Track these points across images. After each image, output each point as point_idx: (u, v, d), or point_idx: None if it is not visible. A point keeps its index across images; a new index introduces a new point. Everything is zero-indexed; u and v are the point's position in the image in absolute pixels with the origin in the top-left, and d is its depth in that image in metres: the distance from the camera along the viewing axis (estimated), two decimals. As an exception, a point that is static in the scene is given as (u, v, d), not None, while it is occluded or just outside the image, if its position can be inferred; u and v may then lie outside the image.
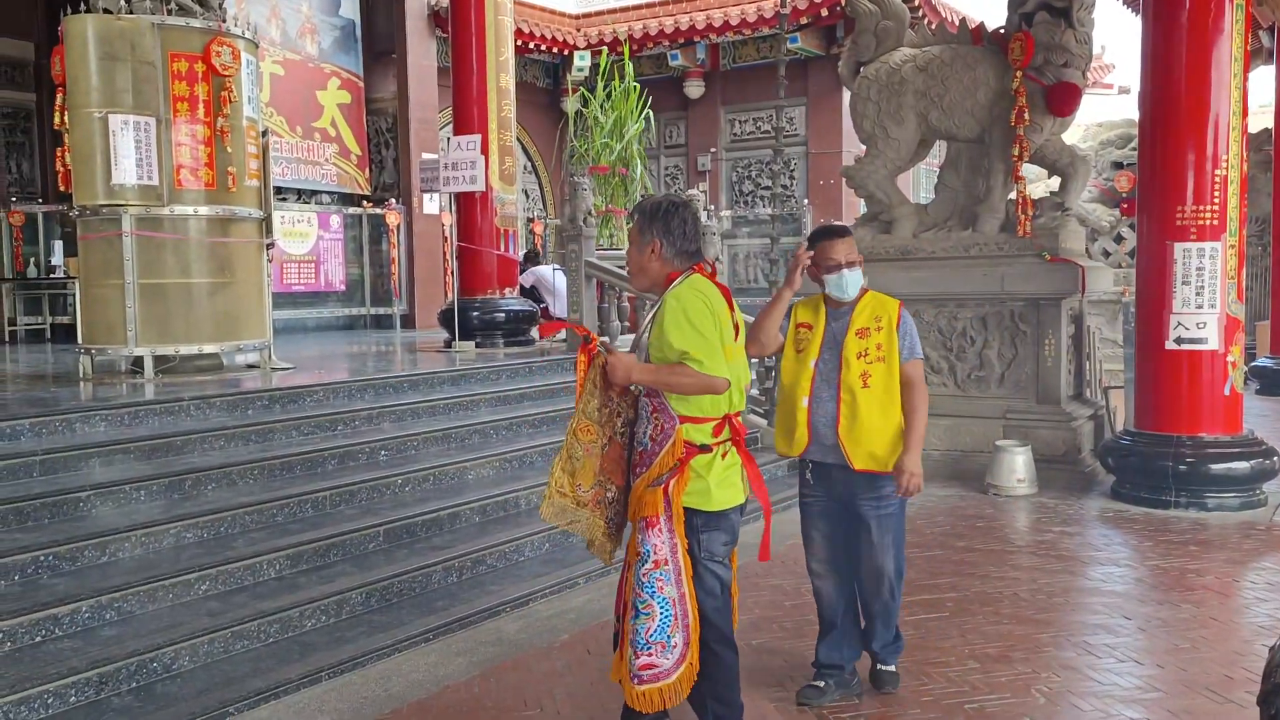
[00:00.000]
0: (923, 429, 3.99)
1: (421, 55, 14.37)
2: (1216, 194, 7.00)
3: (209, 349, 7.50)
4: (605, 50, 14.84)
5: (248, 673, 4.14)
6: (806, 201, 16.45)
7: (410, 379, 7.50)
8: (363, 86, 14.48)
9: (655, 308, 3.33)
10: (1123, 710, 3.89)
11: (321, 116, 13.84)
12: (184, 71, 7.09)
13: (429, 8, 14.36)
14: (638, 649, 3.25)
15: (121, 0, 7.05)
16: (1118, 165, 16.97)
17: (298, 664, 4.24)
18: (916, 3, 14.25)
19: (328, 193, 14.05)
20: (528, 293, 11.57)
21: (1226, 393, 7.12)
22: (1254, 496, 7.10)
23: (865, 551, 4.02)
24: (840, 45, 15.06)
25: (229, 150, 7.28)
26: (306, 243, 13.16)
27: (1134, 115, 8.06)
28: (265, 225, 7.72)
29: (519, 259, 11.56)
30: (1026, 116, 7.88)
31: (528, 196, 17.26)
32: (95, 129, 6.95)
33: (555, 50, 16.86)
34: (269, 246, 7.83)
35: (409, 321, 14.01)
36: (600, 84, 12.59)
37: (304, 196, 13.66)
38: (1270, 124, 13.82)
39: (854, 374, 3.88)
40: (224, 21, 7.37)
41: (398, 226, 13.96)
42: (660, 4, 16.86)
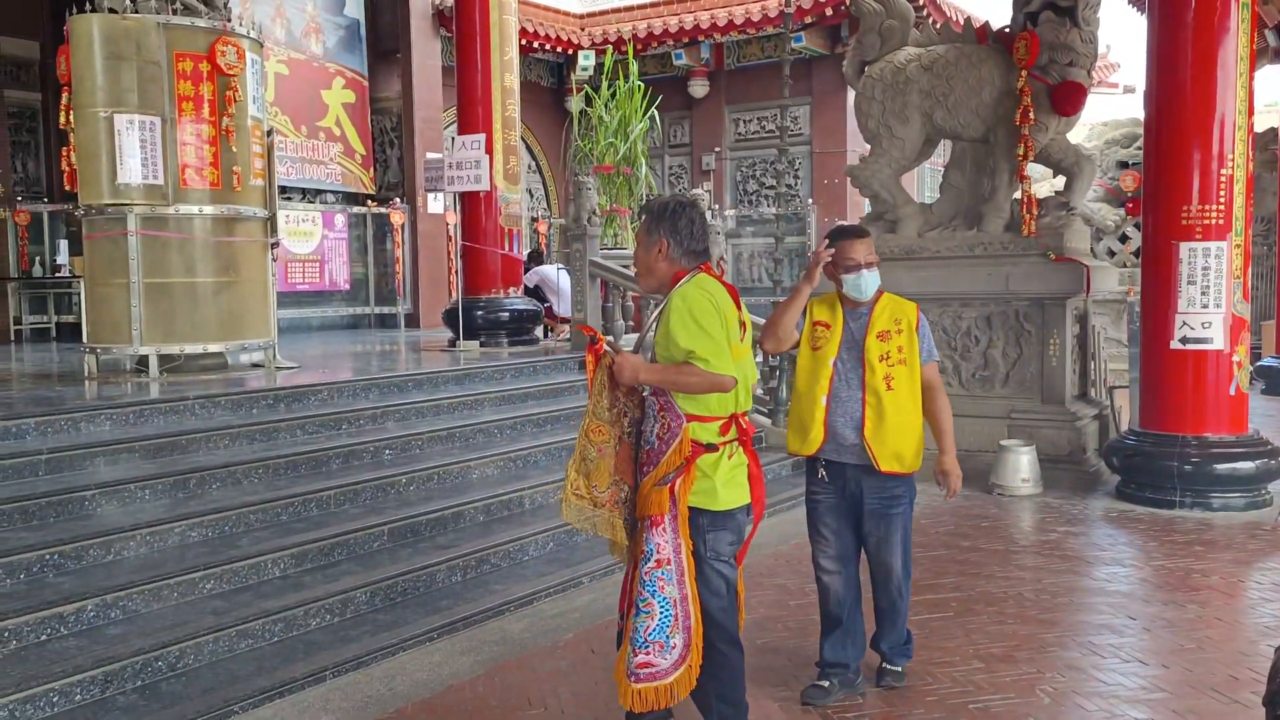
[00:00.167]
0: (952, 429, 4.12)
1: (426, 55, 14.38)
2: (1222, 193, 6.98)
3: (214, 348, 7.51)
4: (610, 49, 14.80)
5: (252, 671, 4.15)
6: (811, 201, 16.45)
7: (414, 378, 7.50)
8: (367, 86, 14.49)
9: (661, 307, 3.34)
10: (1128, 710, 3.88)
11: (326, 116, 13.86)
12: (189, 71, 7.10)
13: (434, 7, 14.36)
14: (636, 647, 3.26)
15: (127, 0, 7.06)
16: (1123, 164, 16.91)
17: (302, 663, 4.25)
18: (921, 2, 14.24)
19: (332, 192, 14.06)
20: (532, 292, 11.58)
21: (1232, 392, 7.11)
22: (1259, 496, 7.08)
23: (875, 549, 4.05)
24: (845, 44, 15.04)
25: (234, 150, 7.29)
26: (311, 242, 13.18)
27: (1139, 114, 8.03)
28: (270, 224, 7.73)
29: (523, 258, 11.56)
30: (1031, 116, 7.86)
31: (532, 196, 17.26)
32: (100, 128, 6.96)
33: (560, 49, 16.86)
34: (273, 246, 7.84)
35: (413, 321, 14.02)
36: (604, 83, 12.55)
37: (309, 196, 13.68)
38: (1276, 123, 13.80)
39: (878, 377, 3.92)
40: (229, 21, 7.37)
41: (402, 226, 13.97)
42: (664, 3, 16.85)
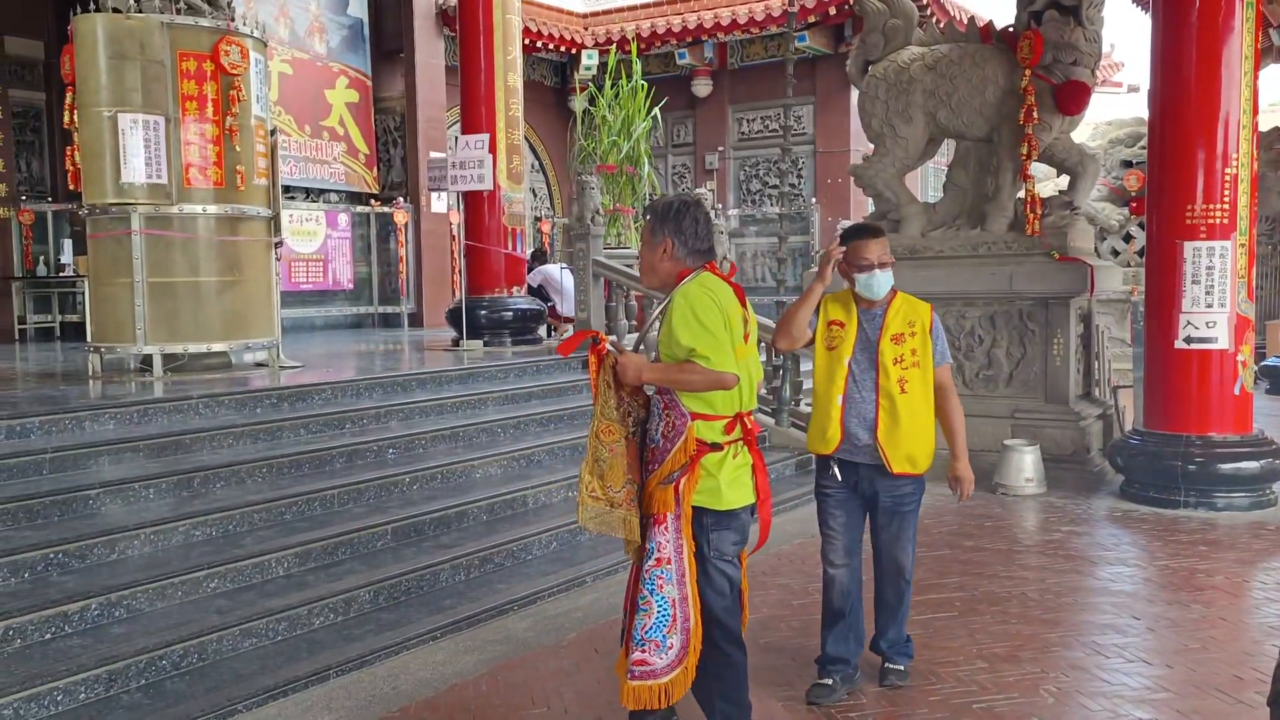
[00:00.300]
0: (964, 434, 4.14)
1: (429, 54, 14.39)
2: (1226, 192, 6.97)
3: (217, 347, 7.52)
4: (613, 49, 14.82)
5: (256, 670, 4.15)
6: (814, 200, 16.44)
7: (418, 377, 7.51)
8: (371, 85, 14.51)
9: (663, 305, 3.34)
10: (1132, 710, 3.88)
11: (330, 115, 13.87)
12: (193, 70, 7.11)
13: (437, 6, 14.37)
14: (633, 644, 3.28)
15: (131, 0, 7.07)
16: (1127, 164, 16.89)
17: (306, 662, 4.25)
18: (925, 1, 14.23)
19: (335, 191, 14.08)
20: (535, 292, 11.58)
21: (1236, 392, 7.10)
22: (1264, 496, 7.07)
23: (887, 544, 4.08)
24: (848, 44, 15.04)
25: (237, 149, 7.30)
26: (314, 241, 13.20)
27: (1143, 114, 8.02)
28: (273, 224, 7.73)
29: (526, 258, 11.57)
30: (1035, 115, 7.86)
31: (535, 195, 17.27)
32: (104, 128, 6.97)
33: (563, 49, 16.87)
34: (277, 245, 7.85)
35: (416, 320, 14.04)
36: (608, 83, 12.56)
37: (312, 195, 13.69)
38: (1280, 122, 13.77)
39: (892, 380, 3.93)
40: (232, 20, 7.38)
41: (405, 225, 13.98)
42: (668, 2, 16.85)
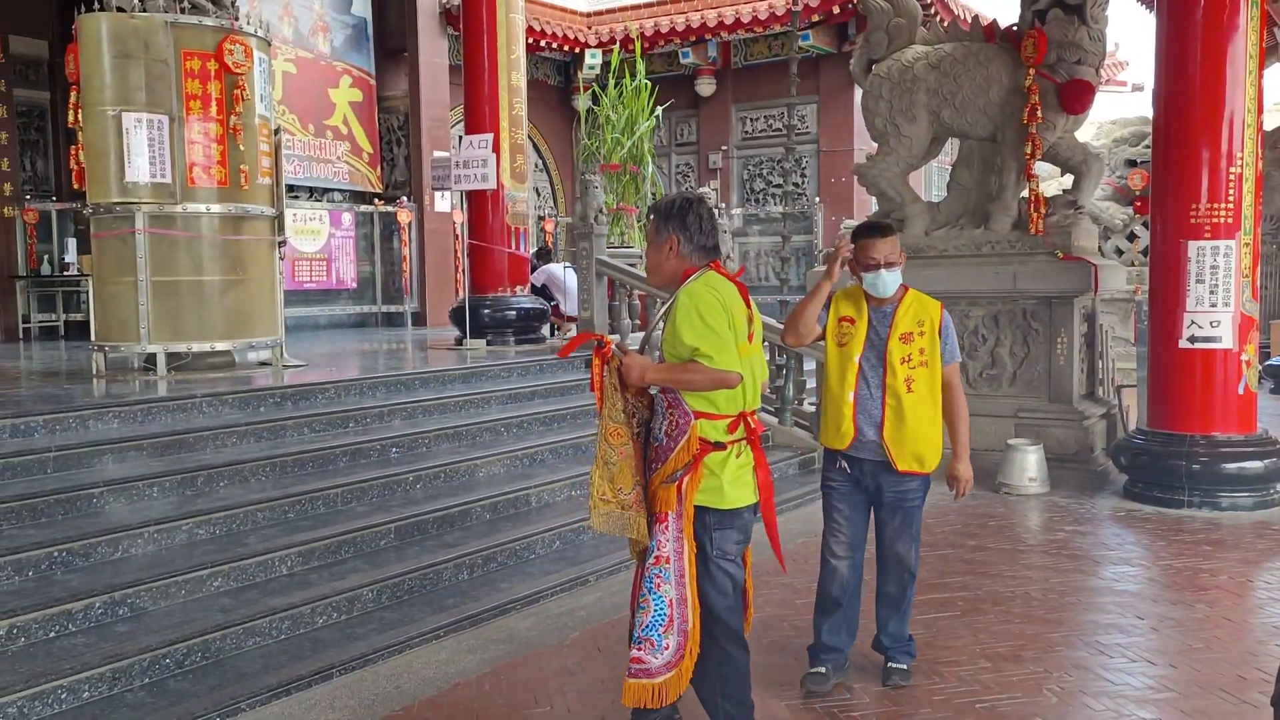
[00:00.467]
0: (968, 433, 4.15)
1: (433, 53, 14.39)
2: (1231, 192, 6.96)
3: (221, 346, 7.53)
4: (617, 48, 14.82)
5: (259, 669, 4.16)
6: (818, 199, 16.43)
7: (421, 376, 7.51)
8: (374, 84, 14.51)
9: (668, 305, 3.34)
10: (1135, 710, 3.87)
11: (333, 114, 13.88)
12: (197, 69, 7.11)
13: (440, 6, 14.37)
14: (632, 642, 3.32)
15: (135, -1, 7.08)
16: (1131, 163, 16.86)
17: (309, 660, 4.25)
18: (929, 0, 14.21)
19: (339, 190, 14.08)
20: (539, 291, 11.58)
21: (1240, 391, 7.08)
22: (1268, 496, 7.05)
23: (891, 538, 4.11)
24: (852, 43, 15.04)
25: (241, 148, 7.31)
26: (318, 240, 13.20)
27: (1148, 113, 8.02)
28: (277, 223, 7.74)
29: (530, 257, 11.57)
30: (1039, 114, 7.85)
31: (539, 194, 17.27)
32: (109, 127, 6.97)
33: (566, 48, 16.87)
34: (281, 244, 7.85)
35: (420, 319, 14.04)
36: (611, 82, 12.57)
37: (316, 194, 13.70)
38: (1285, 121, 13.74)
39: (899, 379, 3.94)
40: (236, 20, 7.38)
41: (409, 224, 13.98)
42: (671, 1, 16.84)
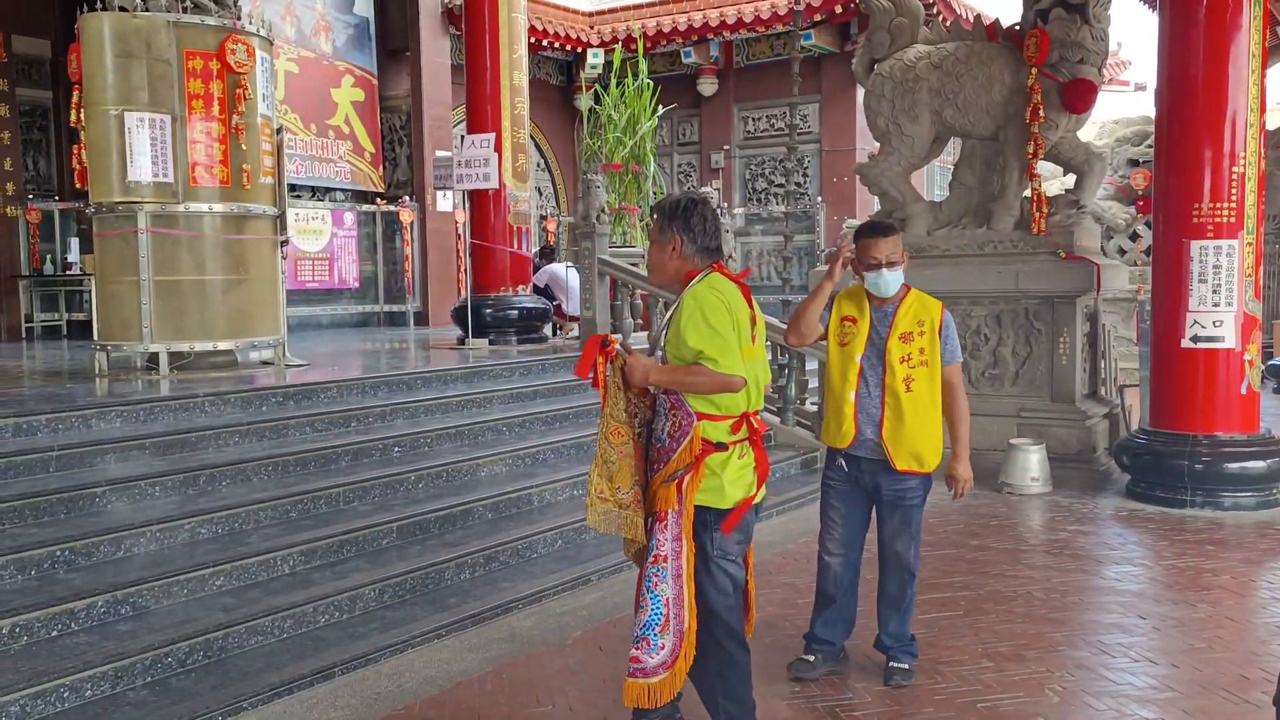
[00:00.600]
0: (968, 434, 4.16)
1: (435, 53, 14.40)
2: (1234, 191, 6.95)
3: (223, 345, 7.54)
4: (619, 47, 14.82)
5: (262, 668, 4.16)
6: (820, 199, 16.43)
7: (423, 376, 7.51)
8: (377, 84, 14.52)
9: (673, 308, 3.34)
10: (1137, 710, 3.87)
11: (336, 114, 13.88)
12: (199, 69, 7.12)
13: (443, 5, 14.38)
14: (631, 640, 3.33)
15: (137, -2, 7.09)
16: (1134, 162, 16.87)
17: (311, 659, 4.26)
18: (931, -1, 14.21)
19: (342, 190, 14.09)
20: (541, 291, 11.58)
21: (1243, 391, 7.08)
22: (1270, 496, 7.05)
23: (890, 537, 4.13)
24: (854, 42, 15.03)
25: (244, 147, 7.31)
26: (320, 240, 13.21)
27: (1150, 112, 8.01)
28: (279, 222, 7.74)
29: (532, 256, 11.57)
30: (1041, 113, 7.84)
31: (541, 194, 17.28)
32: (111, 126, 6.98)
33: (569, 47, 16.87)
34: (283, 244, 7.86)
35: (422, 319, 14.04)
36: (613, 81, 12.57)
37: (318, 194, 13.71)
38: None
39: (898, 378, 3.96)
40: (239, 19, 7.39)
41: (411, 224, 13.99)
42: (674, 1, 16.85)
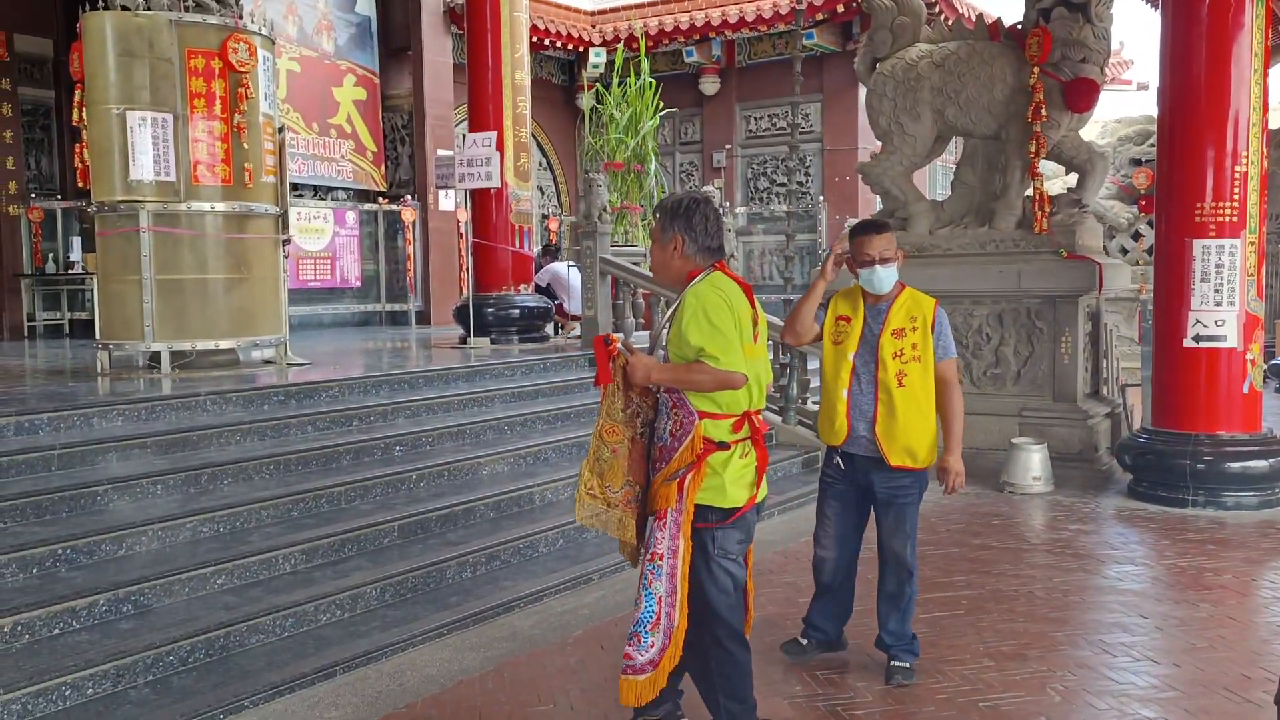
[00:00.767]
0: (961, 428, 4.19)
1: (437, 52, 14.39)
2: (1236, 191, 6.94)
3: (225, 344, 7.54)
4: (620, 47, 14.83)
5: (263, 666, 4.16)
6: (822, 198, 16.42)
7: (425, 375, 7.51)
8: (378, 83, 14.51)
9: (675, 306, 3.34)
10: (1139, 709, 3.87)
11: (337, 113, 13.89)
12: (201, 68, 7.12)
13: (445, 4, 14.38)
14: (626, 637, 3.34)
15: (139, -3, 7.09)
16: (1136, 162, 16.85)
17: (312, 658, 4.26)
18: (933, -2, 14.19)
19: (344, 189, 14.09)
20: (544, 290, 11.58)
21: (1245, 391, 7.07)
22: (1272, 495, 7.03)
23: (886, 535, 4.17)
24: (856, 41, 15.02)
25: (245, 146, 7.31)
26: (322, 239, 13.21)
27: (1153, 111, 8.01)
28: (281, 221, 7.75)
29: (534, 254, 11.56)
30: (1044, 112, 7.84)
31: (543, 193, 17.27)
32: (113, 125, 6.98)
33: (570, 47, 16.86)
34: (285, 243, 7.86)
35: (424, 318, 14.05)
36: (615, 80, 12.57)
37: (320, 193, 13.71)
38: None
39: (890, 374, 3.99)
40: (240, 18, 7.39)
41: (413, 223, 13.99)
42: (676, 0, 16.84)
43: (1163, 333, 7.32)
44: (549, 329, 10.77)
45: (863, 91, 9.28)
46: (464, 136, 10.33)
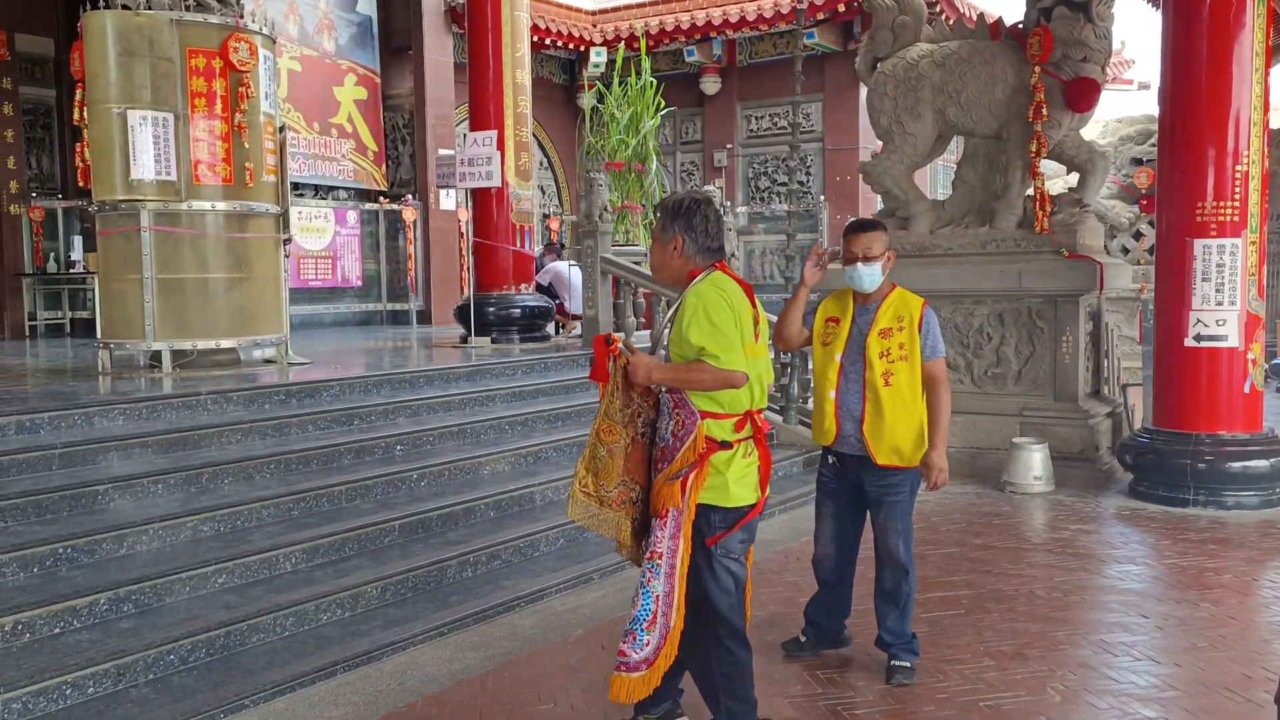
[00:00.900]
0: (946, 426, 4.19)
1: (438, 51, 14.39)
2: (1237, 190, 6.94)
3: (226, 344, 7.55)
4: (621, 46, 14.83)
5: (264, 666, 4.17)
6: (823, 198, 16.41)
7: (426, 374, 7.51)
8: (379, 82, 14.51)
9: (675, 306, 3.34)
10: (1139, 709, 3.87)
11: (338, 112, 13.89)
12: (202, 67, 7.12)
13: (446, 4, 14.37)
14: (622, 634, 3.34)
15: (140, -4, 7.09)
16: (1137, 161, 16.83)
17: (313, 657, 4.26)
18: (934, -2, 14.18)
19: (344, 189, 14.09)
20: (545, 290, 11.58)
21: (1246, 390, 7.07)
22: (1273, 495, 7.03)
23: (879, 534, 4.22)
24: (857, 41, 15.02)
25: (246, 146, 7.32)
26: (323, 238, 13.21)
27: (1154, 111, 8.01)
28: (282, 221, 7.75)
29: (535, 253, 11.56)
30: (1044, 112, 7.84)
31: (544, 193, 17.27)
32: (114, 125, 6.99)
33: (571, 46, 16.86)
34: (286, 242, 7.87)
35: (425, 317, 14.05)
36: (616, 80, 12.56)
37: (321, 192, 13.71)
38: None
39: (877, 373, 4.02)
40: (241, 17, 7.39)
41: (414, 222, 13.99)
42: (677, 0, 16.83)
43: (1164, 332, 7.32)
44: (550, 328, 10.77)
45: (864, 91, 9.27)
46: (465, 136, 10.33)
